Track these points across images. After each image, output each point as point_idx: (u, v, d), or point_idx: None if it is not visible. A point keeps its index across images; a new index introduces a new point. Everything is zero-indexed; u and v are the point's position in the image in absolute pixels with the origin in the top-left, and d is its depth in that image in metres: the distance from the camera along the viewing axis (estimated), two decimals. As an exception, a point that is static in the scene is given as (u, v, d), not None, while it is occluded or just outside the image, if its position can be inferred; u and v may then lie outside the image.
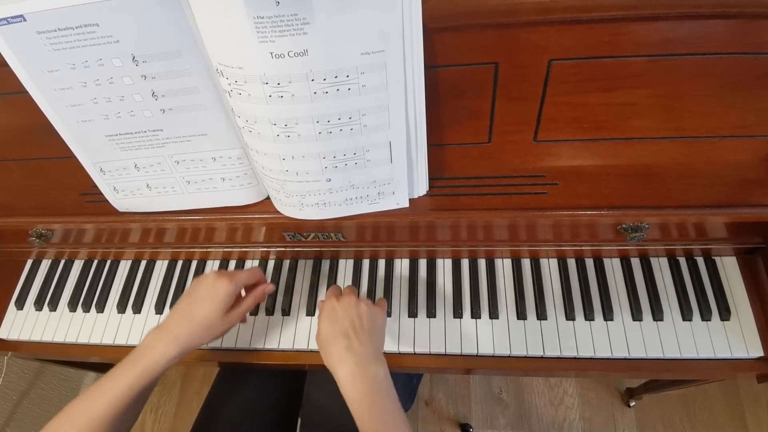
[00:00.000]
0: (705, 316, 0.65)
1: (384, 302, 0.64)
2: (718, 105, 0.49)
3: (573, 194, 0.56)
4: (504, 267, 0.72)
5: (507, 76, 0.48)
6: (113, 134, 0.51)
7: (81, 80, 0.45)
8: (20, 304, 0.78)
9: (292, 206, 0.56)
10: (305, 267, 0.75)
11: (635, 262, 0.70)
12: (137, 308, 0.75)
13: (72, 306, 0.76)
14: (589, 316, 0.67)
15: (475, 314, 0.68)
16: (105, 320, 0.75)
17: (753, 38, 0.44)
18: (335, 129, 0.46)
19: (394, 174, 0.53)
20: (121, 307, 0.75)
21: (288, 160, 0.49)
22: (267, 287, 0.62)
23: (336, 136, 0.47)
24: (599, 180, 0.56)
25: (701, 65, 0.46)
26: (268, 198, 0.59)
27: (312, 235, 0.66)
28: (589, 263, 0.71)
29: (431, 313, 0.69)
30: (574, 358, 0.65)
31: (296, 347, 0.69)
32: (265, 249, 0.75)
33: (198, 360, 0.72)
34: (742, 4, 0.40)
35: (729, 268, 0.68)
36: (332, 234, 0.66)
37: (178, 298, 0.57)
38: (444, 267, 0.73)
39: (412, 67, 0.43)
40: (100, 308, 0.76)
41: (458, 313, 0.68)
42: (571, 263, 0.71)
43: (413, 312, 0.69)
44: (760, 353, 0.63)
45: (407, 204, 0.57)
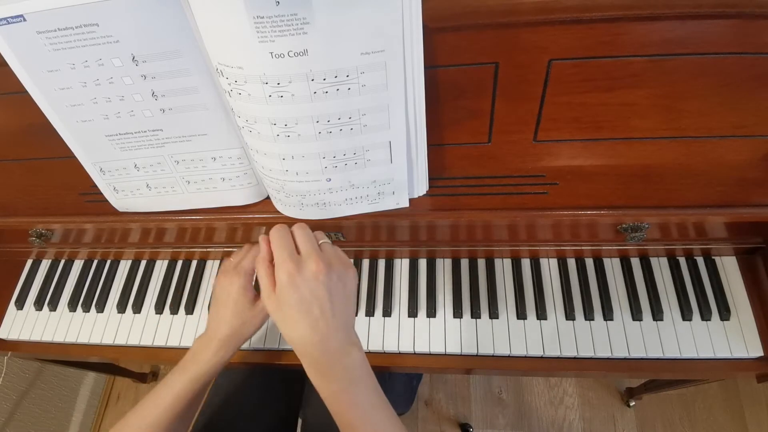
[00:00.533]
0: (705, 316, 0.65)
1: (340, 250, 0.50)
2: (718, 105, 0.49)
3: (573, 194, 0.56)
4: (504, 267, 0.72)
5: (507, 76, 0.48)
6: (113, 134, 0.51)
7: (81, 80, 0.45)
8: (20, 304, 0.78)
9: (292, 206, 0.56)
10: (305, 267, 0.75)
11: (635, 262, 0.70)
12: (137, 308, 0.75)
13: (72, 306, 0.76)
14: (589, 316, 0.67)
15: (475, 314, 0.68)
16: (105, 320, 0.75)
17: (753, 38, 0.44)
18: (335, 129, 0.46)
19: (394, 174, 0.53)
20: (121, 307, 0.75)
21: (288, 160, 0.49)
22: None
23: (336, 136, 0.47)
24: (599, 180, 0.56)
25: (701, 65, 0.46)
26: (268, 198, 0.59)
27: (312, 235, 0.66)
28: (589, 263, 0.71)
29: (431, 313, 0.69)
30: (574, 358, 0.65)
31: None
32: (265, 249, 0.75)
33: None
34: (742, 4, 0.40)
35: (729, 268, 0.68)
36: (332, 234, 0.66)
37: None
38: (444, 267, 0.73)
39: (412, 67, 0.43)
40: (100, 308, 0.76)
41: (458, 313, 0.68)
42: (571, 263, 0.71)
43: (413, 312, 0.69)
44: (760, 353, 0.63)
45: (407, 204, 0.57)
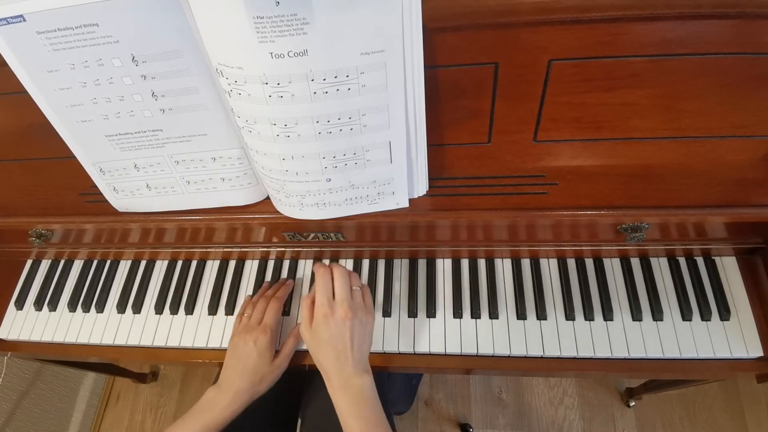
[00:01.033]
0: (705, 316, 0.65)
1: (369, 296, 0.62)
2: (718, 105, 0.49)
3: (573, 194, 0.56)
4: (504, 267, 0.72)
5: (507, 76, 0.48)
6: (113, 134, 0.51)
7: (81, 80, 0.45)
8: (20, 304, 0.78)
9: (292, 206, 0.56)
10: (305, 267, 0.75)
11: (635, 262, 0.70)
12: (137, 308, 0.75)
13: (72, 306, 0.76)
14: (589, 316, 0.67)
15: (475, 314, 0.68)
16: (105, 320, 0.75)
17: (753, 38, 0.44)
18: (335, 129, 0.46)
19: (394, 174, 0.53)
20: (121, 307, 0.75)
21: (288, 160, 0.49)
22: (296, 329, 0.66)
23: (336, 136, 0.47)
24: (599, 180, 0.56)
25: (701, 65, 0.46)
26: (268, 198, 0.59)
27: (312, 235, 0.66)
28: (589, 263, 0.71)
29: (431, 313, 0.69)
30: (574, 358, 0.65)
31: (297, 347, 0.69)
32: (265, 249, 0.75)
33: (205, 360, 0.72)
34: (742, 4, 0.40)
35: (729, 268, 0.68)
36: (332, 234, 0.66)
37: (225, 358, 0.61)
38: (444, 267, 0.73)
39: (412, 67, 0.43)
40: (100, 308, 0.76)
41: (458, 313, 0.68)
42: (571, 263, 0.71)
43: (413, 312, 0.69)
44: (760, 353, 0.63)
45: (407, 204, 0.57)
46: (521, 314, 0.68)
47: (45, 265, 0.81)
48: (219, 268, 0.77)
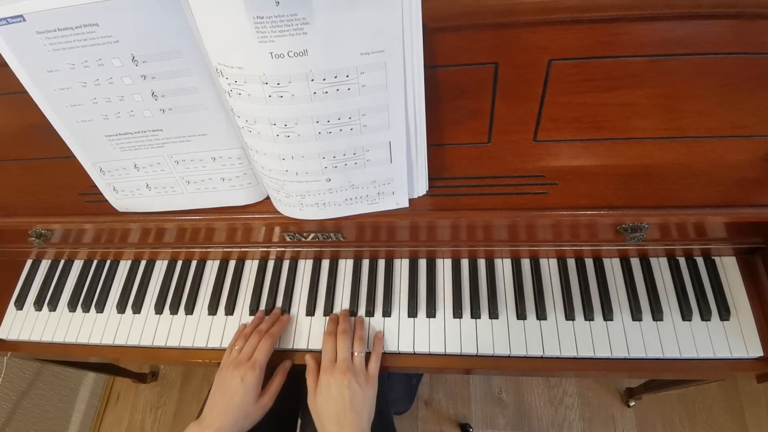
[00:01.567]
0: (705, 316, 0.65)
1: (380, 346, 0.66)
2: (718, 105, 0.49)
3: (573, 194, 0.56)
4: (504, 267, 0.72)
5: (507, 76, 0.48)
6: (113, 134, 0.51)
7: (80, 80, 0.45)
8: (20, 304, 0.78)
9: (292, 206, 0.56)
10: (305, 267, 0.75)
11: (635, 262, 0.70)
12: (137, 308, 0.75)
13: (71, 306, 0.76)
14: (589, 316, 0.67)
15: (475, 314, 0.68)
16: (105, 320, 0.75)
17: (753, 38, 0.44)
18: (335, 129, 0.46)
19: (394, 174, 0.53)
20: (121, 307, 0.75)
21: (288, 160, 0.49)
22: (286, 364, 0.67)
23: (336, 136, 0.47)
24: (599, 180, 0.56)
25: (701, 65, 0.46)
26: (268, 198, 0.59)
27: (312, 235, 0.66)
28: (589, 263, 0.71)
29: (431, 313, 0.69)
30: (574, 358, 0.65)
31: (296, 347, 0.69)
32: (265, 249, 0.75)
33: (205, 360, 0.72)
34: (742, 4, 0.40)
35: (728, 268, 0.68)
36: (332, 234, 0.66)
37: (211, 390, 0.61)
38: (444, 267, 0.73)
39: (412, 67, 0.43)
40: (100, 308, 0.76)
41: (458, 313, 0.68)
42: (571, 263, 0.71)
43: (413, 312, 0.69)
44: (760, 353, 0.63)
45: (407, 204, 0.57)
46: (521, 314, 0.68)
47: (45, 265, 0.81)
48: (219, 268, 0.77)
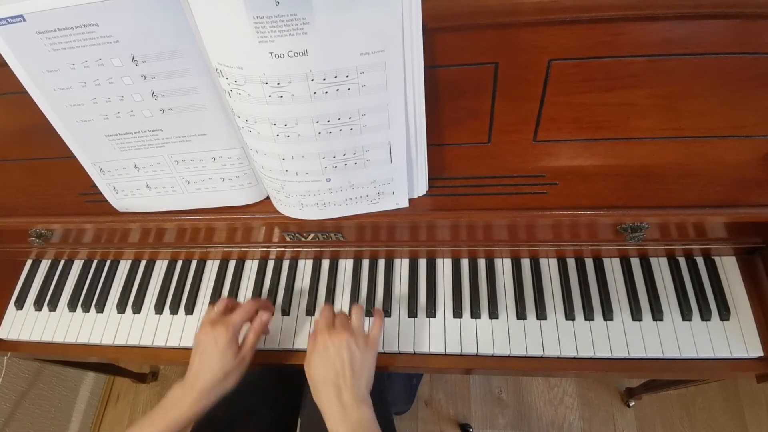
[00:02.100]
0: (705, 316, 0.65)
1: (380, 319, 0.64)
2: (718, 105, 0.49)
3: (572, 194, 0.56)
4: (504, 267, 0.72)
5: (507, 76, 0.48)
6: (113, 134, 0.51)
7: (80, 80, 0.45)
8: (20, 304, 0.78)
9: (292, 206, 0.56)
10: (305, 267, 0.75)
11: (635, 262, 0.70)
12: (137, 308, 0.75)
13: (71, 306, 0.76)
14: (589, 316, 0.67)
15: (475, 314, 0.68)
16: (105, 320, 0.75)
17: (753, 38, 0.44)
18: (335, 129, 0.46)
19: (394, 174, 0.53)
20: (121, 307, 0.75)
21: (288, 160, 0.49)
22: (263, 317, 0.63)
23: (336, 136, 0.47)
24: (599, 180, 0.56)
25: (701, 65, 0.46)
26: (268, 198, 0.59)
27: (312, 235, 0.66)
28: (589, 263, 0.71)
29: (431, 313, 0.69)
30: (574, 358, 0.65)
31: (296, 347, 0.69)
32: (265, 249, 0.75)
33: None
34: (742, 4, 0.40)
35: (728, 268, 0.68)
36: (332, 234, 0.66)
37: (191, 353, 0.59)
38: (444, 267, 0.73)
39: (412, 67, 0.43)
40: (100, 308, 0.76)
41: (458, 313, 0.68)
42: (571, 263, 0.71)
43: (413, 312, 0.69)
44: (760, 353, 0.63)
45: (407, 204, 0.57)
46: (521, 314, 0.68)
47: (45, 265, 0.81)
48: (219, 268, 0.77)
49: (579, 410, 1.26)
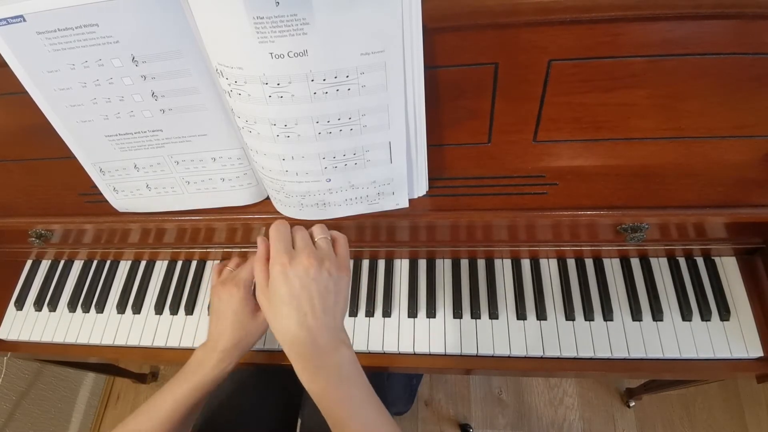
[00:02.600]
0: (705, 317, 0.65)
1: (342, 247, 0.51)
2: (718, 105, 0.49)
3: (573, 194, 0.56)
4: (504, 267, 0.72)
5: (507, 77, 0.48)
6: (113, 134, 0.51)
7: (81, 80, 0.45)
8: (20, 305, 0.78)
9: (292, 206, 0.56)
10: (305, 267, 0.75)
11: (635, 263, 0.70)
12: (137, 309, 0.75)
13: (71, 306, 0.76)
14: (589, 317, 0.67)
15: (475, 315, 0.68)
16: (105, 320, 0.75)
17: (753, 38, 0.44)
18: (335, 129, 0.46)
19: (394, 174, 0.53)
20: (121, 308, 0.75)
21: (288, 161, 0.49)
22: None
23: (336, 137, 0.47)
24: (599, 180, 0.56)
25: (701, 65, 0.46)
26: (268, 198, 0.59)
27: (312, 236, 0.66)
28: (589, 263, 0.71)
29: (431, 314, 0.69)
30: (574, 359, 0.65)
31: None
32: (265, 249, 0.75)
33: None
34: (742, 5, 0.40)
35: (728, 268, 0.68)
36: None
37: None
38: (444, 267, 0.73)
39: (412, 67, 0.43)
40: (100, 309, 0.76)
41: (458, 314, 0.68)
42: (571, 263, 0.71)
43: (413, 312, 0.69)
44: (760, 353, 0.63)
45: (407, 204, 0.57)
46: (521, 314, 0.68)
47: (45, 266, 0.81)
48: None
49: (579, 410, 1.26)
